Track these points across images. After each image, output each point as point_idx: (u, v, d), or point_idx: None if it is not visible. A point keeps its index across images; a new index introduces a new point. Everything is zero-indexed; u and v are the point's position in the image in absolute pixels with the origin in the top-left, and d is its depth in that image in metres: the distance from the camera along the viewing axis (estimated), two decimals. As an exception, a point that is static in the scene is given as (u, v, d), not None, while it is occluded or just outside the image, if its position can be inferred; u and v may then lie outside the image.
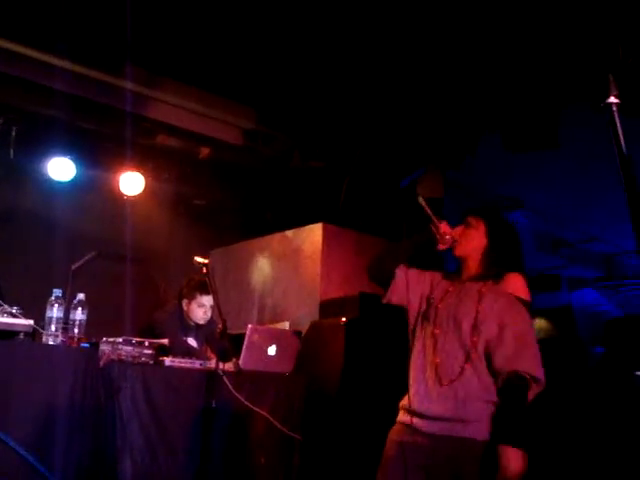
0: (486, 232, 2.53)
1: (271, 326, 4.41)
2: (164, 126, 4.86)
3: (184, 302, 4.20)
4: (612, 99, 1.38)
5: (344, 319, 4.09)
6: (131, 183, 5.39)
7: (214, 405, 3.19)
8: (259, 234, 5.49)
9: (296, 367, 3.79)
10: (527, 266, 6.84)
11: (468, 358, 2.33)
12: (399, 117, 4.64)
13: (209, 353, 4.09)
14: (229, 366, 3.44)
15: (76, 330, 3.00)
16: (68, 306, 3.02)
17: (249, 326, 3.66)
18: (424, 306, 2.54)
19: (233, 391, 3.27)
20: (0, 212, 5.00)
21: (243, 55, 4.22)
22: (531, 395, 2.28)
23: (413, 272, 2.61)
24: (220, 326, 3.40)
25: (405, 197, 4.83)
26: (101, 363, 2.95)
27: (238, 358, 3.49)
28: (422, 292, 2.57)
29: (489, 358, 2.32)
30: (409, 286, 2.57)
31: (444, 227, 2.53)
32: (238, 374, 3.43)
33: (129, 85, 4.38)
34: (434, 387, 2.35)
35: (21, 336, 2.77)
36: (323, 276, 4.74)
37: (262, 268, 5.28)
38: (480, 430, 2.25)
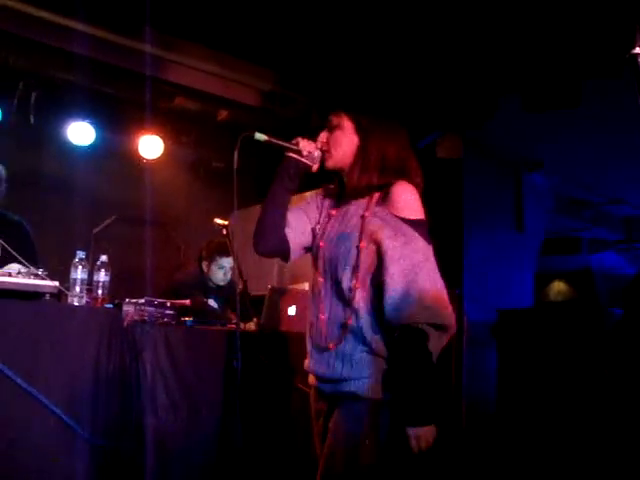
0: (355, 128, 2.05)
1: (291, 287, 4.44)
2: (183, 89, 4.86)
3: (204, 264, 4.26)
4: (638, 49, 1.34)
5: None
6: (150, 146, 5.41)
7: (235, 364, 3.25)
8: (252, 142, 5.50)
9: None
10: (547, 228, 6.82)
11: (350, 312, 1.94)
12: (418, 77, 4.59)
13: (229, 314, 4.15)
14: (250, 326, 3.49)
15: (100, 291, 3.05)
16: (91, 268, 3.07)
17: (269, 287, 3.71)
18: (314, 243, 2.13)
19: (254, 350, 3.33)
20: (21, 177, 5.04)
21: (261, 17, 4.18)
22: (437, 345, 1.87)
23: (294, 215, 2.16)
24: (241, 287, 3.45)
25: (424, 158, 4.80)
26: (125, 323, 3.01)
27: (259, 318, 3.54)
28: (309, 222, 2.16)
29: (378, 305, 1.90)
30: (297, 235, 2.14)
31: (304, 144, 2.09)
32: (259, 334, 3.48)
33: (147, 48, 4.37)
34: (319, 348, 2.04)
35: (47, 297, 2.82)
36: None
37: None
38: (366, 387, 1.92)
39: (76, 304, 2.91)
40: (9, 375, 2.58)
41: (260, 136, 2.14)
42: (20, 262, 2.94)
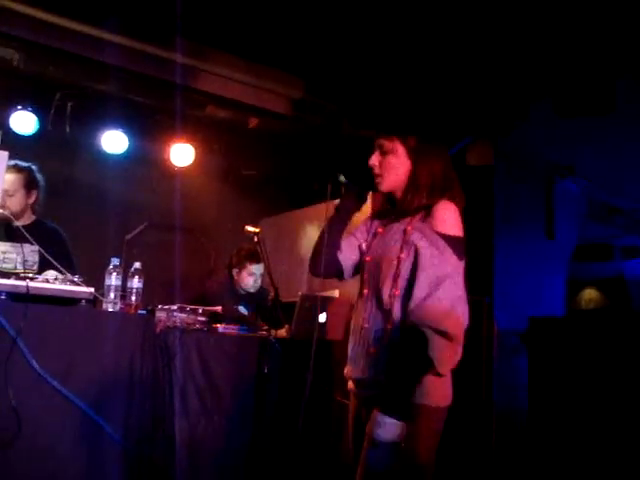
0: (407, 153, 2.15)
1: (321, 294, 4.45)
2: (213, 97, 4.91)
3: (234, 271, 4.29)
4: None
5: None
6: (181, 154, 5.47)
7: (266, 371, 3.27)
8: (308, 204, 5.53)
9: (346, 334, 3.84)
10: (579, 235, 6.72)
11: (388, 319, 2.06)
12: (448, 84, 4.58)
13: (259, 321, 4.18)
14: (281, 333, 3.51)
15: (133, 298, 3.09)
16: (124, 275, 3.11)
17: (300, 294, 3.73)
18: (361, 261, 2.27)
19: (285, 357, 3.35)
20: (56, 185, 5.11)
21: (291, 26, 4.21)
22: (441, 349, 1.96)
23: (345, 239, 2.30)
24: (272, 294, 3.47)
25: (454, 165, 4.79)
26: (157, 329, 3.05)
27: (290, 325, 3.56)
28: (357, 243, 2.29)
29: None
30: (347, 252, 2.29)
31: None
32: (290, 341, 3.50)
33: (179, 58, 4.42)
34: (361, 354, 2.14)
35: (83, 303, 2.87)
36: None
37: (312, 237, 5.32)
38: (407, 392, 2.00)
39: (110, 310, 2.96)
40: (46, 378, 2.64)
41: (342, 179, 2.30)
42: (57, 269, 2.99)
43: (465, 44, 4.15)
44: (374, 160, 2.21)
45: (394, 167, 2.17)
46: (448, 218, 2.08)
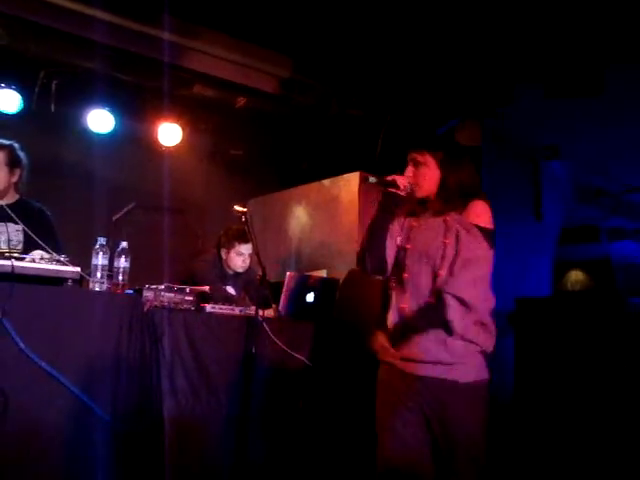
0: (436, 164, 2.50)
1: (309, 273, 4.46)
2: (201, 76, 4.86)
3: (223, 251, 4.28)
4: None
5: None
6: (169, 134, 5.44)
7: (254, 350, 3.28)
8: (296, 184, 5.52)
9: (334, 314, 3.86)
10: (566, 216, 6.75)
11: (438, 297, 2.39)
12: (436, 65, 4.57)
13: (247, 301, 4.18)
14: (269, 313, 3.51)
15: (120, 277, 3.08)
16: (111, 255, 3.10)
17: (288, 273, 3.73)
18: (397, 251, 2.56)
19: (273, 337, 3.35)
20: (42, 165, 5.06)
21: (279, 3, 4.18)
22: (454, 315, 2.33)
23: (388, 240, 2.57)
24: (260, 274, 3.47)
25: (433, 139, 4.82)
26: (145, 309, 3.04)
27: (277, 305, 3.57)
28: (395, 242, 2.57)
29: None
30: (391, 254, 2.56)
31: (400, 180, 2.48)
32: (277, 320, 3.51)
33: (166, 35, 4.38)
34: (408, 333, 2.42)
35: (69, 283, 2.86)
36: (360, 225, 4.76)
37: (299, 217, 5.32)
38: (462, 373, 2.34)
39: (97, 290, 2.95)
40: (32, 358, 2.63)
41: (372, 179, 2.57)
42: (43, 248, 2.98)
43: (454, 25, 4.14)
44: (409, 172, 2.53)
45: (427, 177, 2.50)
46: (482, 213, 2.44)
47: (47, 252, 2.94)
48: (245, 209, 3.54)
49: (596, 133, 5.69)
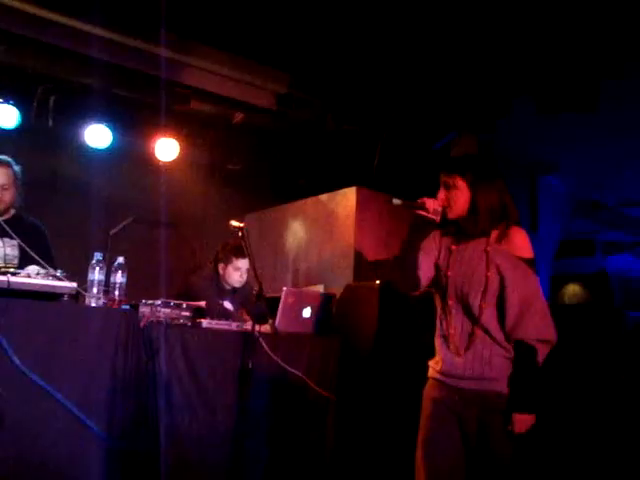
0: (467, 186, 2.51)
1: (306, 289, 4.47)
2: (198, 92, 4.89)
3: (220, 266, 4.27)
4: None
5: (378, 282, 4.14)
6: (166, 149, 5.44)
7: (251, 366, 3.27)
8: (293, 198, 5.53)
9: (331, 329, 3.86)
10: (563, 230, 6.74)
11: (477, 325, 2.46)
12: (432, 80, 4.60)
13: (245, 316, 4.17)
14: (265, 328, 3.51)
15: (117, 292, 3.07)
16: (108, 270, 3.10)
17: (284, 289, 3.73)
18: (435, 273, 2.62)
19: (269, 352, 3.35)
20: (40, 179, 5.09)
21: (276, 20, 4.20)
22: (542, 355, 2.41)
23: (424, 258, 2.61)
24: (256, 289, 3.47)
25: (438, 160, 4.81)
26: (141, 324, 3.03)
27: (274, 320, 3.56)
28: (433, 260, 2.62)
29: (502, 319, 2.44)
30: (425, 269, 2.61)
31: (429, 203, 2.52)
32: (274, 336, 3.50)
33: (163, 52, 4.40)
34: (454, 356, 2.50)
35: (65, 298, 2.85)
36: (357, 239, 4.77)
37: (296, 232, 5.33)
38: (503, 386, 2.42)
39: (94, 305, 2.94)
40: (28, 374, 2.62)
41: (396, 201, 2.53)
42: (38, 263, 2.97)
43: (450, 40, 4.16)
44: (441, 194, 2.55)
45: (458, 199, 2.52)
46: (524, 243, 2.47)
47: (42, 267, 2.94)
48: (242, 224, 3.55)
49: (593, 147, 5.72)
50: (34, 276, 2.80)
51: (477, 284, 2.47)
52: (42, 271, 2.89)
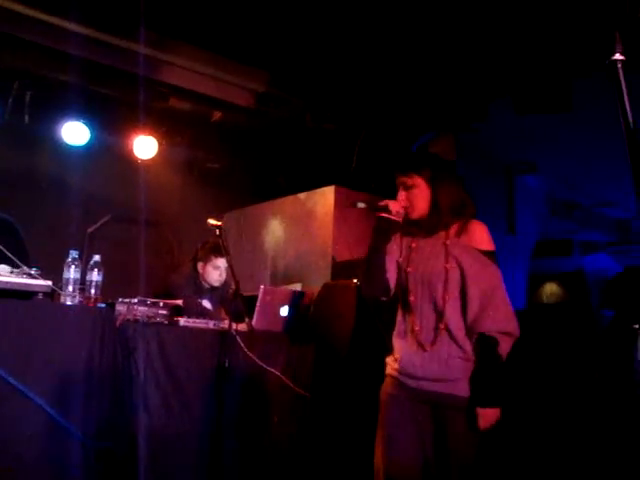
0: (426, 183, 2.50)
1: (283, 287, 4.47)
2: (176, 90, 4.87)
3: (199, 265, 4.27)
4: (617, 56, 1.37)
5: (355, 281, 4.15)
6: (144, 147, 5.43)
7: (227, 364, 3.28)
8: (272, 197, 5.53)
9: (308, 327, 3.87)
10: (540, 230, 6.81)
11: (441, 319, 2.43)
12: (411, 80, 4.62)
13: (223, 315, 4.17)
14: (242, 326, 3.51)
15: (93, 291, 3.06)
16: (84, 268, 3.08)
17: (261, 287, 3.74)
18: (398, 272, 2.59)
19: (246, 350, 3.35)
20: (16, 176, 5.05)
21: (255, 18, 4.20)
22: (505, 349, 2.38)
23: (388, 259, 2.57)
24: (233, 287, 3.47)
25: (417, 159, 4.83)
26: (117, 323, 3.02)
27: (251, 319, 3.57)
28: (396, 261, 2.59)
29: (464, 314, 2.42)
30: (392, 271, 2.58)
31: (392, 205, 2.50)
32: (251, 334, 3.50)
33: (142, 49, 4.38)
34: (417, 353, 2.46)
35: (40, 296, 2.83)
36: (335, 238, 4.78)
37: (275, 230, 5.33)
38: (462, 388, 2.38)
39: (69, 303, 2.92)
40: (1, 374, 2.60)
41: (360, 204, 2.55)
42: (11, 260, 2.94)
43: (427, 41, 4.19)
44: (401, 196, 2.54)
45: (418, 197, 2.51)
46: (483, 236, 2.47)
47: (16, 265, 2.91)
48: (219, 223, 3.55)
49: (570, 148, 5.78)
50: (7, 274, 2.78)
51: (437, 277, 2.45)
52: (16, 270, 2.86)
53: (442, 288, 2.43)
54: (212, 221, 3.55)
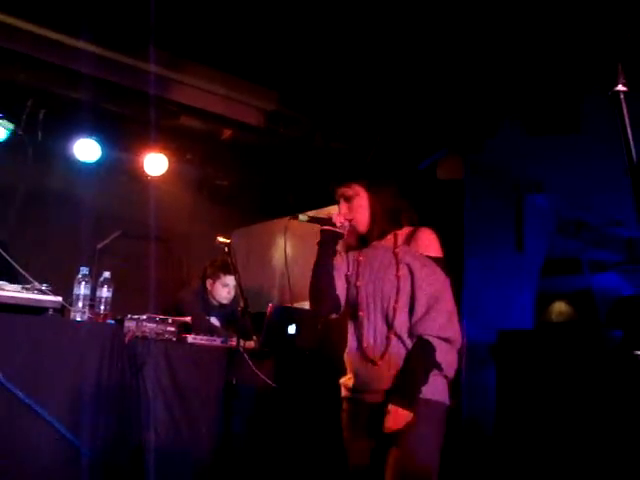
0: (365, 192, 2.47)
1: (291, 305, 4.47)
2: (187, 108, 4.91)
3: (208, 282, 4.29)
4: (620, 87, 1.40)
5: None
6: (155, 164, 5.47)
7: (235, 382, 3.29)
8: (280, 215, 5.55)
9: (318, 345, 3.87)
10: (548, 249, 6.77)
11: (391, 328, 2.38)
12: (419, 100, 4.65)
13: (231, 332, 4.18)
14: (250, 344, 3.52)
15: (102, 307, 3.09)
16: (94, 284, 3.11)
17: (269, 305, 3.75)
18: (348, 287, 2.54)
19: (254, 368, 3.36)
20: (28, 192, 5.10)
21: (265, 38, 4.25)
22: (444, 355, 2.31)
23: (337, 276, 2.53)
24: (242, 305, 3.49)
25: (424, 179, 4.85)
26: (126, 339, 3.04)
27: (259, 336, 3.58)
28: (344, 275, 2.55)
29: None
30: (341, 288, 2.53)
31: (336, 218, 2.47)
32: (259, 352, 3.51)
33: (153, 68, 4.42)
34: (368, 368, 2.41)
35: (50, 312, 2.86)
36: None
37: (283, 248, 5.34)
38: (419, 389, 2.31)
39: (79, 319, 2.95)
40: (11, 389, 2.62)
41: (303, 217, 2.50)
42: (15, 273, 2.95)
43: (435, 61, 4.22)
44: (343, 209, 2.50)
45: (361, 207, 2.47)
46: (431, 242, 2.44)
47: (13, 281, 2.90)
48: (228, 240, 3.57)
49: (579, 166, 5.77)
50: (18, 290, 2.81)
51: (389, 286, 2.40)
52: (27, 286, 2.89)
53: (395, 297, 2.38)
54: (221, 238, 3.58)
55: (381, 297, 2.42)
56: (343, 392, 2.55)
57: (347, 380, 2.53)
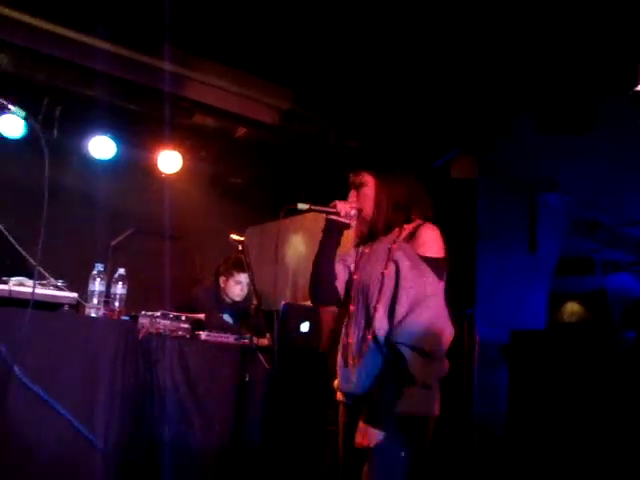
0: (375, 181, 2.36)
1: (304, 303, 4.48)
2: (201, 106, 4.93)
3: (221, 279, 4.31)
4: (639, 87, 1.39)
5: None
6: (169, 161, 5.50)
7: (247, 379, 3.30)
8: (294, 213, 5.56)
9: (330, 343, 3.88)
10: (562, 249, 6.76)
11: (369, 327, 2.23)
12: (434, 98, 4.64)
13: (245, 330, 4.20)
14: (263, 341, 3.54)
15: (117, 303, 3.11)
16: (109, 280, 3.13)
17: (282, 303, 3.76)
18: (348, 280, 2.44)
19: (267, 365, 3.37)
20: (43, 189, 5.13)
21: (280, 36, 4.26)
22: (420, 369, 2.13)
23: (339, 267, 2.43)
24: (255, 302, 3.50)
25: (439, 178, 4.84)
26: (140, 336, 3.06)
27: (272, 334, 3.59)
28: (348, 267, 2.45)
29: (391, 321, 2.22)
30: (341, 279, 2.43)
31: (340, 206, 2.36)
32: (271, 349, 3.53)
33: (167, 66, 4.45)
34: (348, 368, 2.29)
35: (66, 308, 2.89)
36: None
37: (296, 246, 5.36)
38: (389, 401, 2.15)
39: (93, 316, 2.97)
40: (27, 384, 2.65)
41: (302, 206, 2.42)
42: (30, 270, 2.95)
43: (450, 60, 4.21)
44: (351, 197, 2.40)
45: (367, 196, 2.37)
46: (430, 240, 2.26)
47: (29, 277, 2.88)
48: (242, 238, 3.58)
49: (592, 166, 5.74)
50: (38, 285, 2.83)
51: (374, 283, 2.26)
52: (43, 281, 2.91)
53: (377, 296, 2.23)
54: (234, 236, 3.58)
55: (367, 294, 2.28)
56: (337, 395, 2.46)
57: (336, 382, 2.44)
